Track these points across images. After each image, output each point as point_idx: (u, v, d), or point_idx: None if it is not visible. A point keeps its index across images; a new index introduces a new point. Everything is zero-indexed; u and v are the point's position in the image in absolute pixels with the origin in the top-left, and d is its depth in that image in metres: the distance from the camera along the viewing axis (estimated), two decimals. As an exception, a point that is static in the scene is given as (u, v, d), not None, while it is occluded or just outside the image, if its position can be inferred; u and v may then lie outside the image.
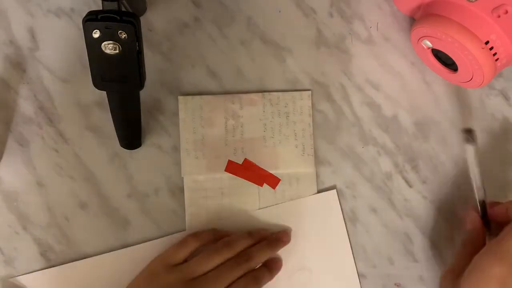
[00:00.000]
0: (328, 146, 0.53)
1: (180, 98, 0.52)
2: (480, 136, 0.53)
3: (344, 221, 0.52)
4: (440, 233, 0.52)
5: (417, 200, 0.53)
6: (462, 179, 0.52)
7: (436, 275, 0.52)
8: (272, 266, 0.50)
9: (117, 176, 0.51)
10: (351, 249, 0.51)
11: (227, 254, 0.48)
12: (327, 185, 0.52)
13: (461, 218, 0.50)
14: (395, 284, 0.52)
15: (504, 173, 0.53)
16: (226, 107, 0.52)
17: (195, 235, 0.49)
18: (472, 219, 0.46)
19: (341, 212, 0.52)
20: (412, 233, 0.52)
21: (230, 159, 0.52)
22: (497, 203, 0.46)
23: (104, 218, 0.51)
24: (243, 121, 0.52)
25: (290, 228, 0.51)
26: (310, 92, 0.53)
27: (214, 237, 0.50)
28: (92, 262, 0.50)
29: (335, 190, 0.52)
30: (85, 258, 0.50)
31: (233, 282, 0.47)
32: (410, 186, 0.53)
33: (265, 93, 0.53)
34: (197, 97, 0.52)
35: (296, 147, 0.52)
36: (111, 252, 0.50)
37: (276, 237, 0.51)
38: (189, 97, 0.52)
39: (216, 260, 0.47)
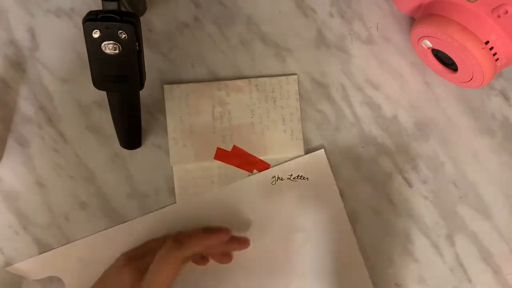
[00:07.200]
0: (328, 146, 0.53)
1: (166, 87, 0.52)
2: (480, 136, 0.53)
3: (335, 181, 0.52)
4: (440, 233, 0.52)
5: (417, 200, 0.53)
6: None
7: (436, 275, 0.52)
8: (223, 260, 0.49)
9: (117, 176, 0.51)
10: (344, 208, 0.51)
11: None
12: (327, 185, 0.52)
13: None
14: (395, 284, 0.52)
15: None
16: (213, 94, 0.52)
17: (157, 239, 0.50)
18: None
19: (331, 172, 0.52)
20: (412, 233, 0.52)
21: (219, 146, 0.52)
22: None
23: (104, 218, 0.51)
24: (230, 108, 0.52)
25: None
26: (296, 76, 0.53)
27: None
28: (85, 242, 0.50)
29: (323, 150, 0.52)
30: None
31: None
32: (410, 186, 0.53)
33: (251, 79, 0.53)
34: (183, 85, 0.52)
35: (285, 132, 0.52)
36: (103, 231, 0.50)
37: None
38: (175, 86, 0.52)
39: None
